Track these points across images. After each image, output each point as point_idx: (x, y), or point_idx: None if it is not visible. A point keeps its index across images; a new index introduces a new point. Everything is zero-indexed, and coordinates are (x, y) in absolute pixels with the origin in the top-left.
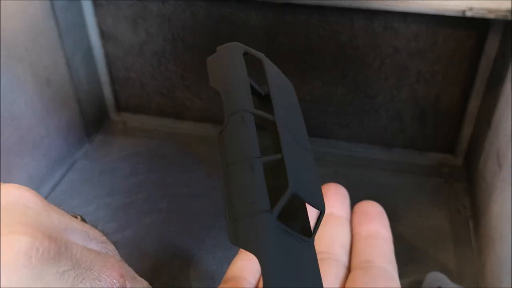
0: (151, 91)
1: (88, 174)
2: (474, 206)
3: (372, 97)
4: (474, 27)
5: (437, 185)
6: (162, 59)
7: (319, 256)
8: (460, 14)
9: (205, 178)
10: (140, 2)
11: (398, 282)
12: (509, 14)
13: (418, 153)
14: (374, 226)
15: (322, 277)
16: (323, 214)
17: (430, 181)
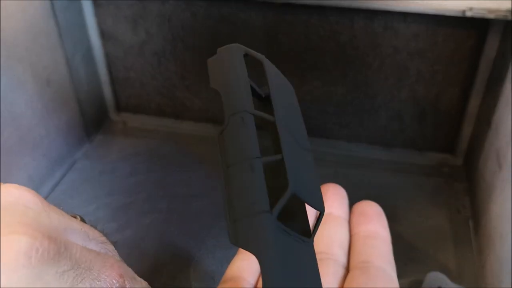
0: (151, 91)
1: (88, 174)
2: (474, 206)
3: (372, 97)
4: (474, 27)
5: (437, 185)
6: (162, 59)
7: (318, 256)
8: (460, 14)
9: (205, 178)
10: (140, 2)
11: (396, 282)
12: (509, 14)
13: (418, 153)
14: (373, 226)
15: (321, 277)
16: (323, 215)
17: (430, 181)
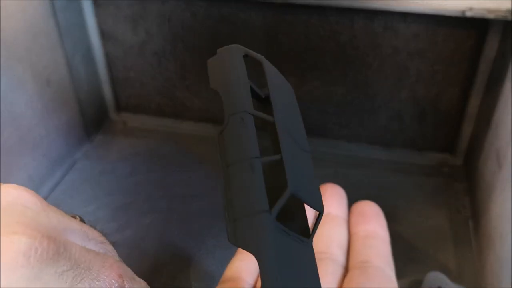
0: (151, 91)
1: (88, 174)
2: (474, 206)
3: (372, 97)
4: (473, 27)
5: (437, 185)
6: (162, 59)
7: (317, 256)
8: (460, 14)
9: (205, 178)
10: (140, 2)
11: (395, 282)
12: (509, 14)
13: (418, 153)
14: (372, 226)
15: (320, 277)
16: (322, 215)
17: (430, 181)
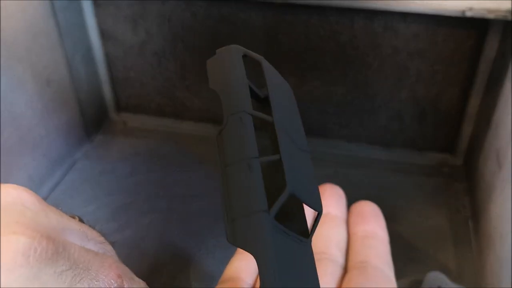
0: (151, 91)
1: (88, 174)
2: (474, 206)
3: (372, 97)
4: (473, 27)
5: (437, 185)
6: (162, 59)
7: (316, 256)
8: (459, 14)
9: (205, 178)
10: (140, 2)
11: (394, 282)
12: (509, 14)
13: (418, 153)
14: (371, 226)
15: (318, 277)
16: (321, 215)
17: (430, 181)
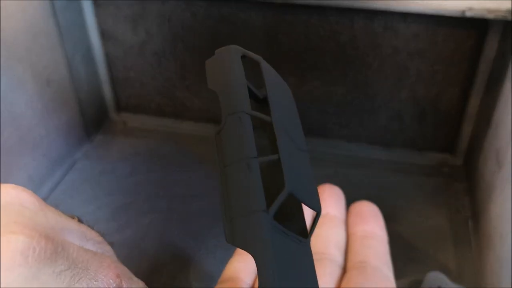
0: (151, 91)
1: (88, 174)
2: (474, 206)
3: (372, 97)
4: (473, 27)
5: (437, 185)
6: (162, 59)
7: (315, 256)
8: (459, 14)
9: (205, 178)
10: (140, 2)
11: (393, 282)
12: (508, 14)
13: (418, 153)
14: (370, 226)
15: (317, 277)
16: (320, 215)
17: (430, 181)
